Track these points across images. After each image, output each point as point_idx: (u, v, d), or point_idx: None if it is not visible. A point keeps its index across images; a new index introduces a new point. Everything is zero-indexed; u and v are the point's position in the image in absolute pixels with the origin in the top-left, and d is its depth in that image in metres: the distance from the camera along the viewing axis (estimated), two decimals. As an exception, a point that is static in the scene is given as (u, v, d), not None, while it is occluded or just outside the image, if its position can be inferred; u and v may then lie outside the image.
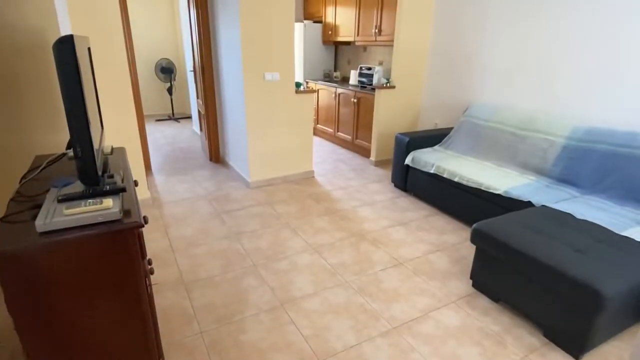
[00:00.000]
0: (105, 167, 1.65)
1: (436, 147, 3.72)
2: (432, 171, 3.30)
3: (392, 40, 4.33)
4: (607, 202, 2.49)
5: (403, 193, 3.72)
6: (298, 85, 3.78)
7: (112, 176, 1.41)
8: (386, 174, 4.26)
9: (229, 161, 4.33)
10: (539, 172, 2.97)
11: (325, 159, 4.78)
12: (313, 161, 4.63)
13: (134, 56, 3.75)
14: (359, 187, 3.86)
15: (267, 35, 3.42)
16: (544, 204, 2.47)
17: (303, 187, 3.82)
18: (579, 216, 2.26)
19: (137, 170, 3.19)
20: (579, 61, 2.96)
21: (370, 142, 4.63)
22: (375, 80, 4.70)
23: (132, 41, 3.74)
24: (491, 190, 2.78)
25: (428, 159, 3.39)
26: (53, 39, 1.96)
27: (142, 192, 3.31)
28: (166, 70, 6.67)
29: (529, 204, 2.55)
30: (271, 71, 3.54)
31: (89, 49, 1.90)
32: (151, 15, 6.74)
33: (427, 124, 4.55)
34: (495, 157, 3.30)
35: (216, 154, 4.56)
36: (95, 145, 1.26)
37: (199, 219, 3.09)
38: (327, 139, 5.73)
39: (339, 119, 5.31)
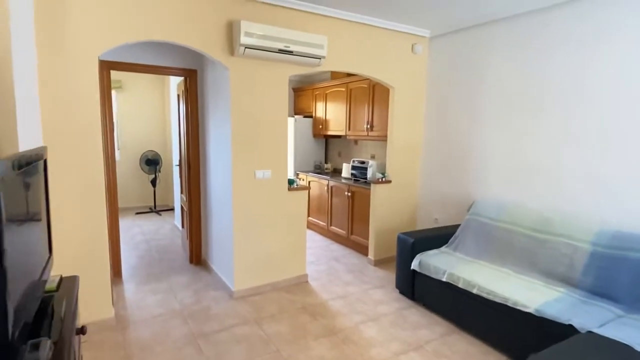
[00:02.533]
0: (40, 317, 1.22)
1: (443, 248, 3.38)
2: (444, 279, 2.90)
3: (385, 136, 4.26)
4: (660, 324, 2.11)
5: (411, 302, 3.26)
6: (291, 182, 3.53)
7: (37, 346, 0.98)
8: (388, 276, 3.83)
9: (212, 264, 3.86)
10: (567, 282, 2.61)
11: (319, 258, 4.36)
12: (306, 262, 4.19)
13: (112, 149, 3.50)
14: (359, 295, 3.39)
15: (260, 133, 3.25)
16: (588, 328, 2.06)
17: (296, 297, 3.33)
18: (639, 348, 1.85)
19: (98, 286, 2.71)
20: (591, 159, 2.81)
21: (367, 239, 4.28)
22: (369, 174, 4.52)
23: (112, 134, 3.53)
24: (519, 307, 2.38)
25: (438, 264, 3.03)
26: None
27: (104, 312, 2.77)
28: (151, 162, 6.47)
29: (569, 327, 2.14)
30: (262, 169, 3.30)
31: (44, 161, 1.59)
32: (140, 107, 6.75)
33: (426, 220, 4.28)
34: (512, 262, 2.96)
35: (197, 256, 4.09)
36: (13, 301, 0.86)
37: (170, 347, 2.53)
38: (319, 232, 5.37)
39: (332, 212, 5.01)
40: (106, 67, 3.40)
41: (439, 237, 3.46)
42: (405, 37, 3.97)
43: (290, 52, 3.10)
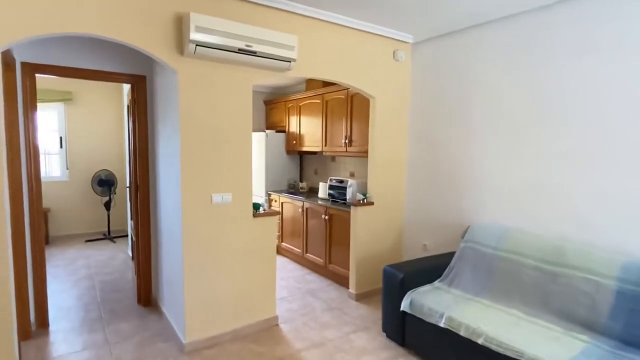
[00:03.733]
0: None
1: (437, 283, 2.88)
2: (442, 324, 2.39)
3: (365, 151, 3.80)
4: None
5: (401, 350, 2.73)
6: (257, 207, 2.97)
7: None
8: (373, 314, 3.29)
9: (163, 307, 3.22)
10: (591, 327, 2.15)
11: (293, 292, 3.78)
12: (277, 297, 3.61)
13: (37, 170, 2.86)
14: (339, 342, 2.83)
15: (217, 150, 2.70)
16: (637, 399, 1.59)
17: (262, 347, 2.74)
18: None
19: (-3, 350, 2.05)
20: (607, 177, 2.40)
21: (347, 269, 3.74)
22: (349, 195, 4.02)
23: (35, 151, 2.89)
24: (541, 366, 1.89)
25: (433, 305, 2.52)
26: None
27: (4, 385, 2.10)
28: (105, 183, 5.76)
29: (611, 397, 1.66)
30: (221, 191, 2.73)
31: None
32: (94, 121, 6.06)
33: (413, 246, 3.79)
34: (520, 300, 2.49)
35: (147, 295, 3.43)
36: None
37: None
38: (293, 260, 4.79)
39: (308, 237, 4.46)
40: (29, 70, 2.80)
41: (431, 269, 2.96)
42: (386, 43, 3.55)
43: (253, 53, 2.60)
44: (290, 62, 2.79)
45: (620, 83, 2.33)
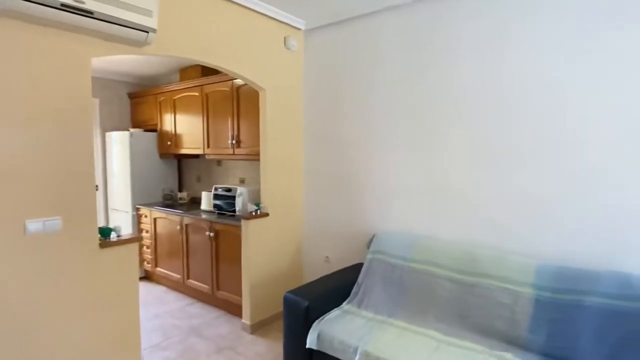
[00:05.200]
0: None
1: (346, 305, 2.46)
2: (357, 362, 1.96)
3: (257, 154, 3.22)
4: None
5: (309, 397, 2.22)
6: (106, 233, 2.14)
7: None
8: (272, 350, 2.73)
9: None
10: (513, 342, 1.95)
11: (170, 334, 2.97)
12: (146, 345, 2.78)
13: None
14: (231, 399, 2.19)
15: (33, 154, 1.81)
16: None
17: None
18: None
19: None
20: (520, 177, 2.28)
21: (240, 295, 3.10)
22: (238, 206, 3.39)
23: None
24: (478, 408, 1.58)
25: (345, 337, 2.08)
26: None
27: None
28: None
29: None
30: (42, 216, 1.85)
31: None
32: None
33: (315, 260, 3.35)
34: (437, 317, 2.21)
35: None
36: None
37: None
38: (172, 288, 3.93)
39: (190, 259, 3.67)
40: None
41: (339, 288, 2.54)
42: (276, 27, 3.03)
43: (87, 14, 1.79)
44: (147, 32, 2.05)
45: (523, 80, 2.23)
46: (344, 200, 3.12)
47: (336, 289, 2.53)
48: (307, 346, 2.18)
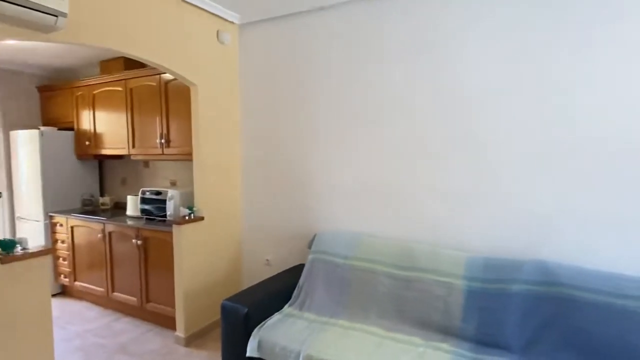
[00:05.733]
0: None
1: (287, 308, 2.40)
2: (300, 367, 1.91)
3: (189, 154, 3.02)
4: (564, 373, 1.71)
5: (251, 409, 2.12)
6: (7, 246, 1.84)
7: None
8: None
9: None
10: (448, 332, 2.04)
11: (92, 354, 2.66)
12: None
13: None
14: (164, 420, 2.02)
15: None
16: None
17: None
18: None
19: None
20: (447, 173, 2.39)
21: (172, 306, 2.88)
22: (170, 210, 3.16)
23: None
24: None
25: (287, 343, 2.01)
26: None
27: None
28: None
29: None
30: None
31: None
32: None
33: (254, 263, 3.23)
34: (378, 314, 2.24)
35: None
36: None
37: None
38: (95, 303, 3.55)
39: (114, 271, 3.34)
40: None
41: (280, 292, 2.47)
42: (208, 19, 2.87)
43: (-24, -11, 1.52)
44: (57, 16, 1.80)
45: (445, 83, 2.34)
46: (284, 201, 3.05)
47: (277, 292, 2.46)
48: (248, 355, 2.08)
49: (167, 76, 3.15)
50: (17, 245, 1.89)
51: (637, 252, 1.92)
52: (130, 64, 3.45)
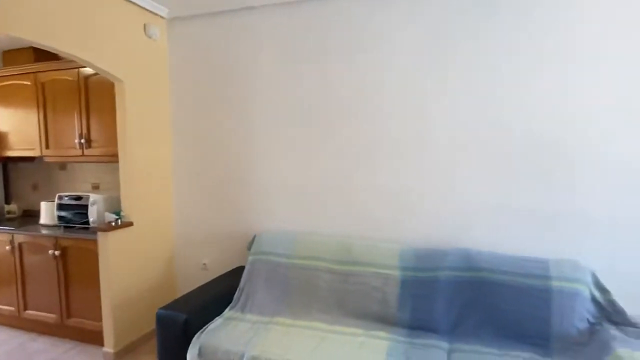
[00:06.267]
0: None
1: (228, 312, 2.35)
2: (245, 369, 1.90)
3: (114, 155, 2.80)
4: (484, 348, 1.92)
5: (192, 418, 2.05)
6: None
7: None
8: (143, 375, 2.43)
9: None
10: (386, 320, 2.17)
11: (1, 383, 2.37)
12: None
13: None
14: None
15: None
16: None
17: None
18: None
19: None
20: (383, 172, 2.53)
21: (99, 320, 2.66)
22: (93, 216, 2.91)
23: None
24: (361, 388, 1.70)
25: (230, 346, 1.99)
26: None
27: None
28: None
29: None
30: None
31: None
32: None
33: (190, 268, 3.11)
34: (320, 309, 2.31)
35: None
36: None
37: None
38: (4, 324, 3.14)
39: (26, 286, 2.99)
40: None
41: (220, 296, 2.42)
42: (135, 11, 2.70)
43: None
44: (-50, -1, 1.57)
45: (384, 84, 2.48)
46: (220, 202, 2.98)
47: (217, 296, 2.40)
48: (188, 362, 2.01)
49: (88, 70, 2.89)
50: None
51: (535, 237, 2.22)
52: (41, 55, 3.10)
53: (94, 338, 2.75)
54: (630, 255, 2.08)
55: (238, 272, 2.67)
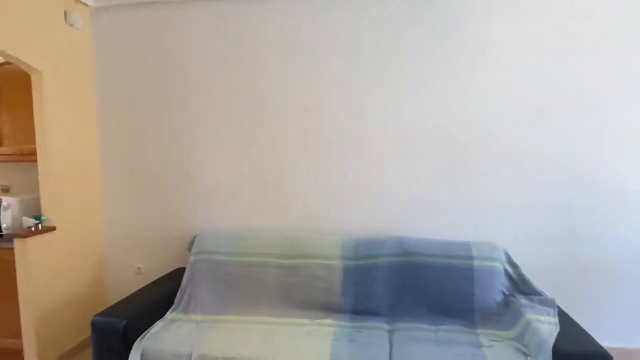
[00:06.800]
0: None
1: (171, 315, 2.28)
2: (193, 369, 1.87)
3: (30, 154, 2.56)
4: (420, 325, 2.11)
5: None
6: None
7: None
8: (75, 390, 2.25)
9: None
10: (331, 309, 2.28)
11: None
12: None
13: None
14: None
15: None
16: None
17: None
18: None
19: None
20: (326, 167, 2.63)
21: (19, 337, 2.39)
22: (7, 222, 2.62)
23: None
24: (312, 374, 1.78)
25: (176, 348, 1.94)
26: None
27: None
28: None
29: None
30: None
31: None
32: None
33: (123, 273, 2.92)
34: (267, 304, 2.35)
35: None
36: None
37: None
38: None
39: None
40: None
41: (160, 300, 2.33)
42: (52, -5, 2.47)
43: None
44: None
45: (326, 82, 2.58)
46: (156, 202, 2.84)
47: (157, 300, 2.31)
48: (130, 368, 1.91)
49: (-4, 59, 2.58)
50: None
51: (458, 223, 2.50)
52: None
53: (13, 357, 2.46)
54: (530, 233, 2.44)
55: (178, 274, 2.59)
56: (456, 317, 2.16)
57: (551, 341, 1.73)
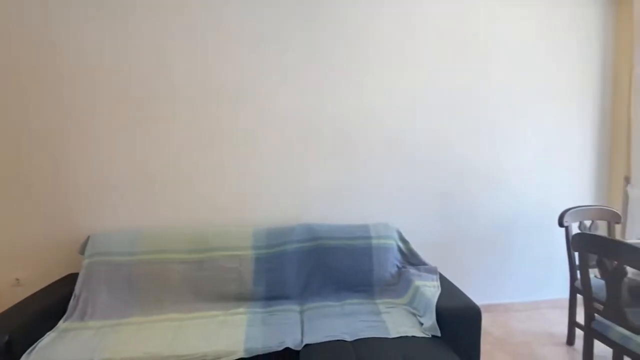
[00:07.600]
0: None
1: (64, 324, 2.07)
2: (95, 376, 1.74)
3: None
4: (327, 303, 2.29)
5: None
6: None
7: None
8: None
9: None
10: (244, 298, 2.32)
11: None
12: None
13: None
14: None
15: None
16: (305, 342, 1.87)
17: None
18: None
19: None
20: (233, 158, 2.63)
21: None
22: None
23: None
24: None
25: (73, 356, 1.78)
26: None
27: None
28: None
29: (289, 351, 1.85)
30: None
31: None
32: None
33: (-2, 286, 2.53)
34: (174, 301, 2.28)
35: None
36: None
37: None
38: None
39: None
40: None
41: (49, 309, 2.09)
42: None
43: None
44: None
45: (222, 72, 2.57)
46: (33, 205, 2.50)
47: (45, 310, 2.06)
48: (15, 390, 1.70)
49: None
50: None
51: (357, 209, 2.76)
52: None
53: None
54: (418, 213, 2.83)
55: (68, 280, 2.35)
56: (358, 291, 2.39)
57: (434, 301, 2.04)
